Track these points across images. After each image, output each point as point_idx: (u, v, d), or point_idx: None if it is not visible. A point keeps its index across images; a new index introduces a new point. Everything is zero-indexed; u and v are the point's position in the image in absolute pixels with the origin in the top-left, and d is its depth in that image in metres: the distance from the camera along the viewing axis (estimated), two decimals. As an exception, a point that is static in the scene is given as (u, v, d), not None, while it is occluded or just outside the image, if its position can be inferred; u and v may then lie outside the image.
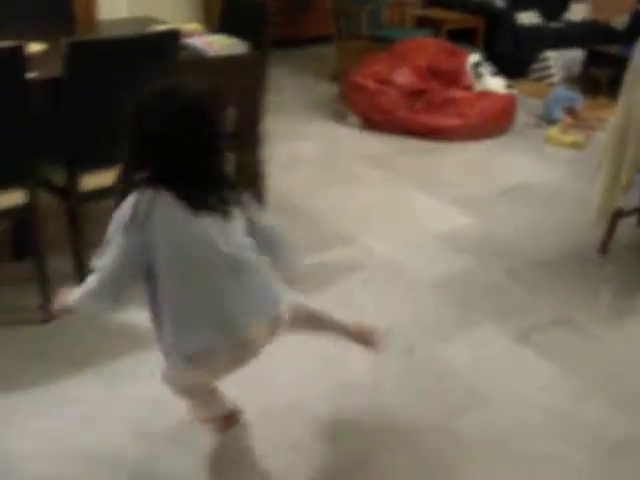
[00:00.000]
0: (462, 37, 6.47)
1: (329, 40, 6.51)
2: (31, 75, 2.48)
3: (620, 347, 2.86)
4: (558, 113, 5.46)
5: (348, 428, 2.36)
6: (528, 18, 7.00)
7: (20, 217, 2.70)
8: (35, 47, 2.94)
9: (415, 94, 5.21)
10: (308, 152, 4.69)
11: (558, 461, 2.26)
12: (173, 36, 2.63)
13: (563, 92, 5.66)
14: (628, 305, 3.18)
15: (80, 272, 2.82)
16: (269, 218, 2.08)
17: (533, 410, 2.46)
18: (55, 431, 2.28)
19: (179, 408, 2.30)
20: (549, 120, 5.48)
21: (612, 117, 3.48)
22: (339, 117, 5.36)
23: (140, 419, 2.34)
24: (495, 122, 5.21)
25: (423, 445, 2.29)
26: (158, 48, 2.63)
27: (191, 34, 3.13)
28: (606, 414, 2.47)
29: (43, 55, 2.82)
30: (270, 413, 2.40)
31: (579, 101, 5.63)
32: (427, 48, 5.50)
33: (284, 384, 2.54)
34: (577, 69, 6.62)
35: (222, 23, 3.56)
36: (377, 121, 5.13)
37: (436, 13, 6.91)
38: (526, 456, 2.26)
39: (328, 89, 5.97)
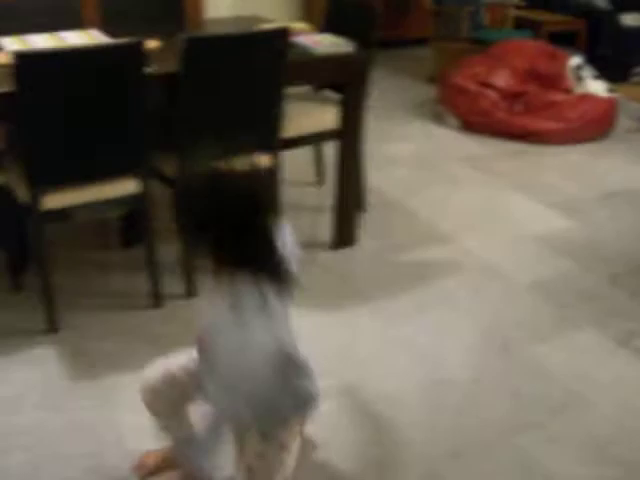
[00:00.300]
0: (563, 39, 6.38)
1: (425, 42, 6.53)
2: (148, 70, 2.58)
3: None
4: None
5: (444, 423, 2.39)
6: (632, 19, 6.85)
7: (134, 205, 2.80)
8: (151, 44, 3.06)
9: (514, 96, 5.19)
10: (406, 152, 4.73)
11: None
12: (284, 33, 2.71)
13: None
14: None
15: (187, 263, 2.93)
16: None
17: (633, 416, 2.44)
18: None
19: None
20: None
21: None
22: (437, 118, 5.37)
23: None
24: (595, 126, 5.14)
25: (518, 443, 2.30)
26: (270, 45, 2.70)
27: (299, 33, 3.20)
28: None
29: (158, 51, 2.93)
30: (370, 404, 2.45)
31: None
32: (526, 50, 5.45)
33: (382, 377, 2.59)
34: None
35: (327, 23, 3.62)
36: (476, 123, 5.13)
37: (536, 14, 6.83)
38: (627, 463, 2.24)
39: (425, 90, 5.99)
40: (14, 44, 2.85)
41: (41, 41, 2.94)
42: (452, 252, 3.47)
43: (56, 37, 3.01)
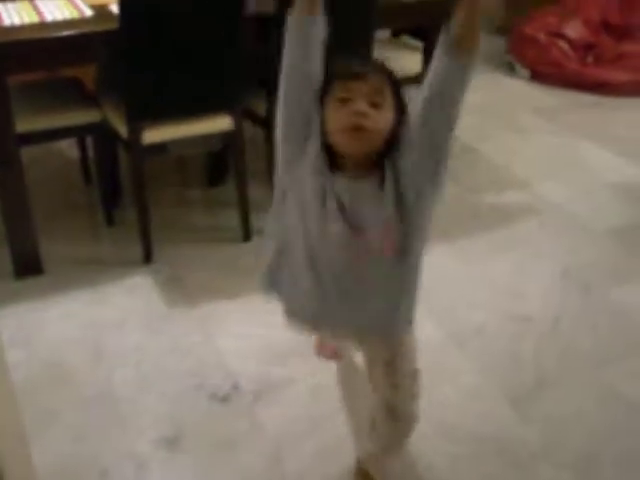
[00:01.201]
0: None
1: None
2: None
3: None
4: None
5: (527, 355, 2.48)
6: None
7: (228, 142, 2.91)
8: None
9: (587, 47, 5.17)
10: (477, 102, 4.71)
11: None
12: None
13: None
14: None
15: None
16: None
17: None
18: (261, 335, 2.51)
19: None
20: None
21: None
22: (507, 68, 5.38)
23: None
24: (669, 78, 5.10)
25: (601, 375, 2.39)
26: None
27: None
28: None
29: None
30: (457, 333, 2.57)
31: None
32: (601, 0, 5.40)
33: (467, 310, 2.69)
34: None
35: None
36: (547, 74, 5.12)
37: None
38: None
39: (495, 41, 5.97)
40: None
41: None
42: (528, 196, 3.54)
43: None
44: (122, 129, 2.75)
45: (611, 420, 2.22)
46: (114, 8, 2.69)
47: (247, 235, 3.03)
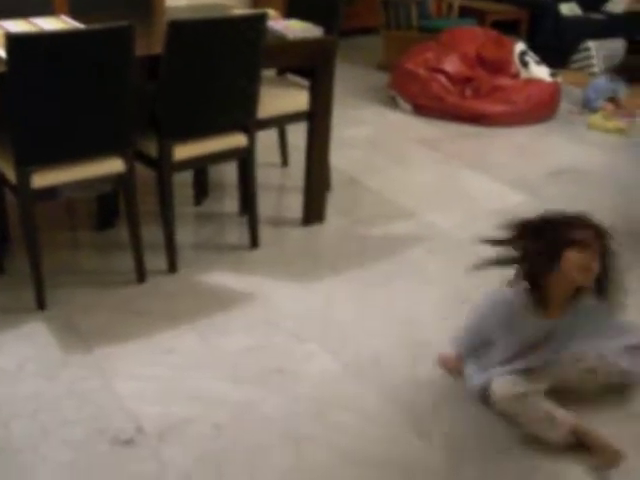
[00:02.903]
0: (505, 28, 6.62)
1: (371, 31, 6.72)
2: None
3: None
4: (599, 102, 5.63)
5: (424, 379, 2.57)
6: (569, 9, 7.15)
7: (119, 184, 2.90)
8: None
9: (464, 81, 5.41)
10: (363, 135, 4.90)
11: None
12: (263, 18, 2.84)
13: (604, 82, 5.82)
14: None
15: (169, 240, 3.05)
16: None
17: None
18: (160, 376, 2.50)
19: (269, 358, 2.54)
20: (590, 108, 5.65)
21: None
22: (390, 103, 5.56)
23: (236, 367, 2.56)
24: (541, 109, 5.39)
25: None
26: (250, 30, 2.83)
27: (269, 18, 3.33)
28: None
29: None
30: (354, 363, 2.63)
31: (622, 90, 5.80)
32: (474, 37, 5.69)
33: (362, 339, 2.76)
34: (618, 59, 6.76)
35: (291, 9, 3.76)
36: (428, 107, 5.33)
37: (480, 4, 7.08)
38: None
39: (378, 77, 6.17)
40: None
41: (14, 26, 3.00)
42: (416, 225, 3.66)
43: (29, 23, 3.08)
44: (10, 173, 2.71)
45: (509, 434, 2.31)
46: (1, 52, 2.65)
47: (141, 277, 3.02)
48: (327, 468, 2.16)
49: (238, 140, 3.12)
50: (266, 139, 3.99)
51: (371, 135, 4.91)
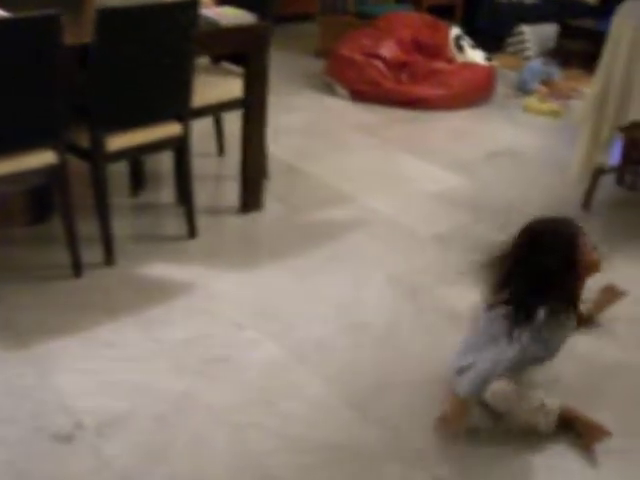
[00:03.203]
0: (441, 12, 6.65)
1: (307, 18, 6.70)
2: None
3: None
4: (534, 85, 5.72)
5: (366, 362, 2.58)
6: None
7: (51, 177, 2.84)
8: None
9: (400, 66, 5.42)
10: (300, 122, 4.88)
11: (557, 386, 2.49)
12: (195, 5, 2.81)
13: (538, 65, 5.91)
14: (611, 254, 3.41)
15: (105, 233, 3.00)
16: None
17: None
18: (101, 369, 2.47)
19: (211, 347, 2.53)
20: (524, 91, 5.73)
21: (587, 86, 3.73)
22: (327, 90, 5.55)
23: (177, 358, 2.54)
24: (477, 92, 5.44)
25: (435, 375, 2.51)
26: (182, 16, 2.79)
27: (202, 5, 3.29)
28: (595, 344, 2.71)
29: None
30: (297, 348, 2.62)
31: (555, 73, 5.89)
32: (410, 22, 5.70)
33: (304, 325, 2.76)
34: (551, 43, 6.84)
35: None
36: (365, 92, 5.33)
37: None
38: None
39: (314, 64, 6.14)
40: None
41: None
42: (355, 210, 3.67)
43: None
44: None
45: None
46: None
47: (78, 271, 2.96)
48: (273, 456, 2.16)
49: (172, 129, 3.08)
50: (202, 128, 3.95)
51: (308, 122, 4.90)
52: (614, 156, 4.04)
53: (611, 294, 2.86)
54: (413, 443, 2.23)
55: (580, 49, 6.35)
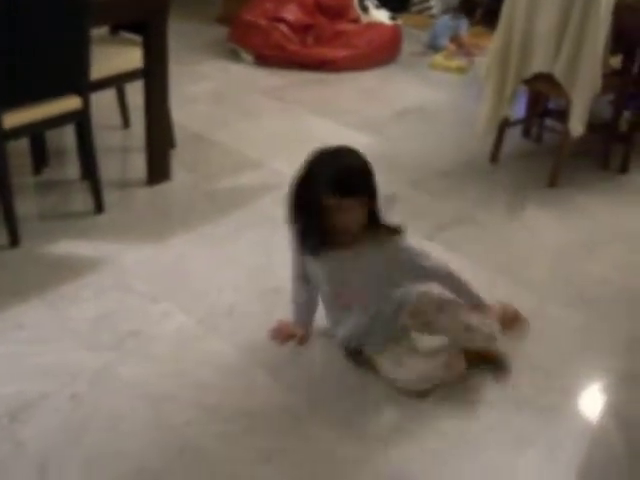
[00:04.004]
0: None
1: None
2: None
3: (515, 236, 3.23)
4: (444, 41, 5.77)
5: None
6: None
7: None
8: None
9: (305, 29, 5.39)
10: (206, 90, 4.81)
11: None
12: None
13: (447, 20, 5.96)
14: (518, 203, 3.51)
15: (8, 212, 2.91)
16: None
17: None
18: (12, 353, 2.40)
19: (123, 322, 2.51)
20: (435, 48, 5.78)
21: (491, 42, 3.77)
22: (232, 56, 5.47)
23: (90, 335, 2.49)
24: (383, 52, 5.45)
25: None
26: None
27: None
28: (514, 292, 2.78)
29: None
30: (211, 316, 2.61)
31: (464, 27, 5.96)
32: (312, -17, 5.64)
33: (217, 293, 2.74)
34: (455, 1, 6.89)
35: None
36: (270, 57, 5.28)
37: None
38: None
39: (216, 31, 6.04)
40: None
41: None
42: (264, 176, 3.64)
43: None
44: None
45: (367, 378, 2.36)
46: None
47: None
48: (192, 426, 2.14)
49: (72, 103, 2.99)
50: (105, 100, 3.85)
51: (214, 89, 4.83)
52: (519, 109, 4.11)
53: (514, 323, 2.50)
54: (328, 408, 2.25)
55: (484, 4, 6.41)
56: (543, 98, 4.06)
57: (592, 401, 2.37)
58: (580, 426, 2.25)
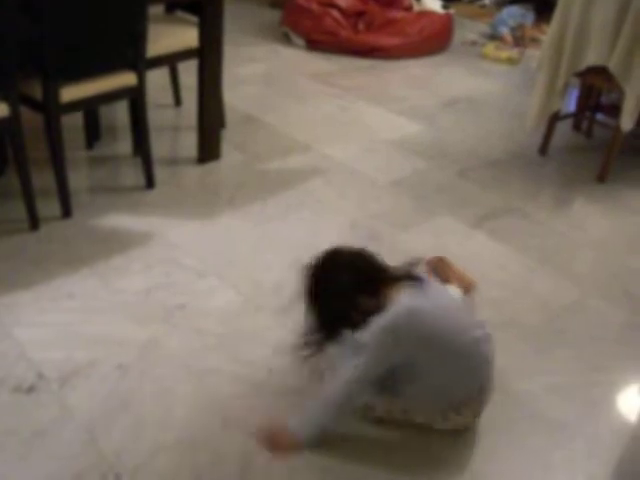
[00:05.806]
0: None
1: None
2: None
3: (561, 229, 3.20)
4: (504, 29, 5.74)
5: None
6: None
7: (4, 130, 2.79)
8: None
9: (357, 15, 5.40)
10: (257, 72, 4.85)
11: (515, 326, 2.55)
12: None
13: (513, 10, 5.92)
14: (566, 196, 3.49)
15: (61, 185, 2.97)
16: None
17: (494, 284, 2.75)
18: (62, 321, 2.46)
19: (171, 296, 2.55)
20: (494, 37, 5.75)
21: (546, 34, 3.74)
22: (284, 40, 5.50)
23: (138, 307, 2.54)
24: (434, 40, 5.44)
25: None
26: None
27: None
28: (556, 283, 2.77)
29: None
30: (257, 294, 2.63)
31: (530, 18, 5.92)
32: (366, -30, 5.64)
33: (263, 270, 2.77)
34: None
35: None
36: (321, 42, 5.30)
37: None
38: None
39: (270, 14, 6.08)
40: None
41: None
42: (313, 159, 3.67)
43: None
44: None
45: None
46: None
47: (35, 224, 2.94)
48: (235, 400, 2.18)
49: (128, 79, 3.04)
50: (158, 79, 3.91)
51: (265, 72, 4.87)
52: (570, 103, 4.09)
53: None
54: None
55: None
56: (595, 92, 4.03)
57: (633, 397, 2.36)
58: (620, 422, 2.25)
